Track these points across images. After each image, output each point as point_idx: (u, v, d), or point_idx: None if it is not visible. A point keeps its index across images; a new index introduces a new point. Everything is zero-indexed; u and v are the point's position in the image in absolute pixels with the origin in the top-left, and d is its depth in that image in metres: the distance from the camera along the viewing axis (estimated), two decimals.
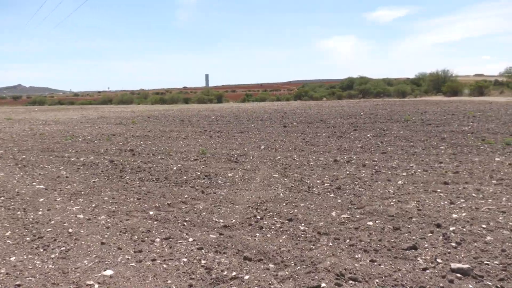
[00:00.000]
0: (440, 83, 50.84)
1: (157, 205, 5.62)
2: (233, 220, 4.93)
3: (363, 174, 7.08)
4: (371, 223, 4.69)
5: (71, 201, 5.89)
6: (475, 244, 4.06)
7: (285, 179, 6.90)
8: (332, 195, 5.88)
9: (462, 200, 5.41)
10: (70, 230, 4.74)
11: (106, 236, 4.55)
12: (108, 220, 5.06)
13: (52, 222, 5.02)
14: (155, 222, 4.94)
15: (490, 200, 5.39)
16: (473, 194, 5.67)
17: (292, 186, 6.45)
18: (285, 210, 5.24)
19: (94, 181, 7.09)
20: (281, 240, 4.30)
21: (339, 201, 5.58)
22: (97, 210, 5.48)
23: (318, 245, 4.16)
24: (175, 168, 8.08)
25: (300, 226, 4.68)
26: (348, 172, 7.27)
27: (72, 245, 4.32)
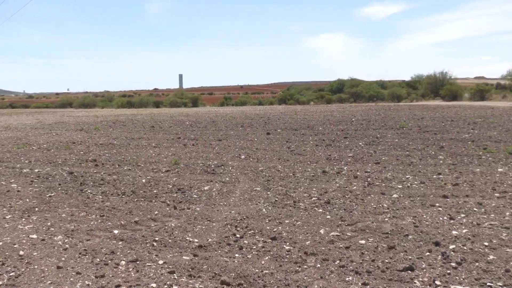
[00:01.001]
0: (438, 86, 51.94)
1: (122, 222, 5.54)
2: (209, 239, 4.89)
3: (355, 187, 7.14)
4: (363, 242, 4.72)
5: (23, 219, 5.75)
6: (477, 264, 4.12)
7: (268, 193, 6.90)
8: (320, 210, 5.91)
9: (463, 215, 5.51)
10: (21, 252, 4.61)
11: (63, 259, 4.45)
12: (66, 240, 4.95)
13: (0, 243, 4.89)
14: (120, 242, 4.86)
15: (492, 215, 5.50)
16: (475, 209, 5.78)
17: (276, 200, 6.45)
18: (268, 228, 5.23)
19: (50, 196, 6.95)
20: (263, 262, 4.29)
21: (328, 217, 5.60)
22: (53, 229, 5.36)
23: (305, 266, 4.16)
24: (143, 180, 7.99)
25: (284, 246, 4.67)
26: (338, 185, 7.32)
27: (23, 269, 4.21)
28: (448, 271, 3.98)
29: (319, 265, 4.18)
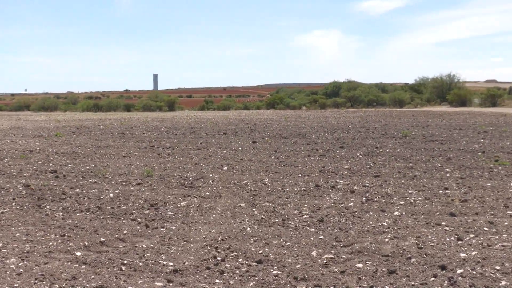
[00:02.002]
0: (445, 91, 52.64)
1: (86, 243, 5.47)
2: (186, 263, 4.86)
3: (351, 203, 7.18)
4: (360, 265, 4.73)
5: None
6: None
7: (254, 210, 6.89)
8: (312, 229, 5.91)
9: (472, 236, 5.56)
10: None
11: (16, 285, 4.38)
12: (20, 264, 4.88)
13: None
14: (83, 266, 4.80)
15: (505, 235, 5.56)
16: (485, 228, 5.84)
17: (262, 218, 6.44)
18: (253, 249, 5.21)
19: (2, 212, 6.85)
20: None
21: (321, 237, 5.61)
22: (5, 250, 5.27)
23: None
24: (111, 194, 7.92)
25: (272, 270, 4.66)
26: (332, 201, 7.35)
27: None
28: None
29: None
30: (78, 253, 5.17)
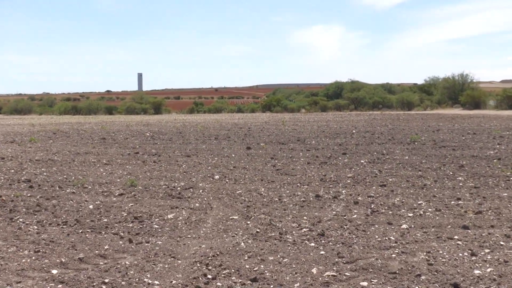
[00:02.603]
0: (457, 92, 52.93)
1: (63, 260, 5.44)
2: (174, 281, 4.85)
3: (355, 215, 7.18)
4: (365, 284, 4.73)
5: None
6: None
7: (248, 222, 6.88)
8: (312, 244, 5.91)
9: (487, 251, 5.57)
10: None
11: None
12: None
13: None
14: (59, 286, 4.77)
15: None
16: (501, 242, 5.85)
17: (257, 232, 6.43)
18: (247, 266, 5.20)
19: None
20: None
21: (322, 252, 5.60)
22: None
23: None
24: (91, 206, 7.90)
25: None
26: (334, 213, 7.35)
27: None
28: None
29: None
30: (54, 271, 5.14)
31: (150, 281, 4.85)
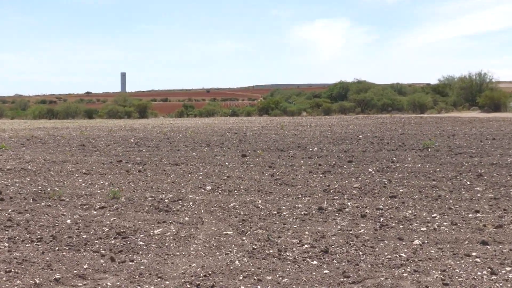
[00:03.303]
0: (475, 93, 52.97)
1: (37, 281, 5.42)
2: None
3: (362, 230, 7.17)
4: None
5: None
6: None
7: (244, 238, 6.87)
8: (315, 262, 5.90)
9: (508, 269, 5.57)
10: None
11: None
12: None
13: None
14: None
15: None
16: None
17: (254, 249, 6.42)
18: (242, 287, 5.19)
19: None
20: None
21: (326, 271, 5.60)
22: None
23: None
24: (69, 221, 7.87)
25: None
26: (339, 227, 7.34)
27: None
28: None
29: None
30: None
31: None
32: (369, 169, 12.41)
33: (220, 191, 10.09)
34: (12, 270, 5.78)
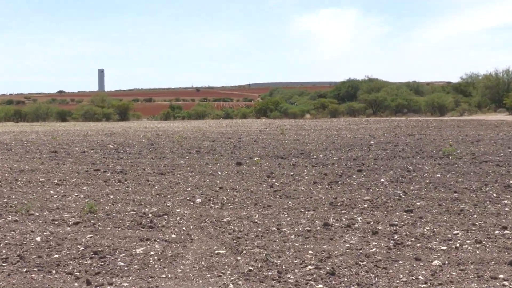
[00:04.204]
0: (502, 92, 53.06)
1: None
2: None
3: (374, 249, 7.17)
4: None
5: None
6: None
7: (239, 258, 6.85)
8: (320, 286, 5.89)
9: None
10: None
11: None
12: None
13: None
14: None
15: None
16: None
17: (250, 270, 6.40)
18: None
19: None
20: None
21: None
22: None
23: None
24: (38, 238, 7.85)
25: None
26: (347, 245, 7.33)
27: None
28: None
29: None
30: None
31: None
32: (382, 179, 12.41)
33: (212, 204, 10.07)
34: None
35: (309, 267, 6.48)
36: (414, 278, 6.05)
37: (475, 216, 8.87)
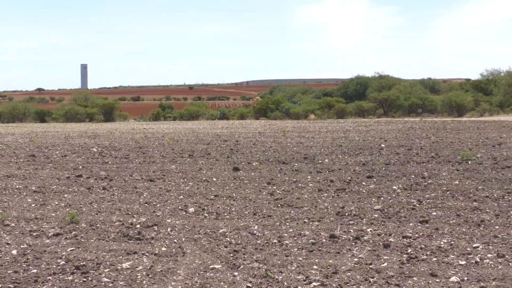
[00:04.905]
0: None
1: None
2: None
3: (385, 263, 7.16)
4: None
5: None
6: None
7: (236, 274, 6.85)
8: None
9: None
10: None
11: None
12: None
13: None
14: None
15: None
16: None
17: (248, 287, 6.40)
18: None
19: None
20: None
21: None
22: None
23: None
24: (14, 251, 7.84)
25: None
26: (356, 260, 7.33)
27: None
28: None
29: None
30: None
31: None
32: (394, 187, 12.41)
33: (206, 214, 10.07)
34: None
35: (314, 283, 6.48)
36: None
37: (497, 227, 8.87)
